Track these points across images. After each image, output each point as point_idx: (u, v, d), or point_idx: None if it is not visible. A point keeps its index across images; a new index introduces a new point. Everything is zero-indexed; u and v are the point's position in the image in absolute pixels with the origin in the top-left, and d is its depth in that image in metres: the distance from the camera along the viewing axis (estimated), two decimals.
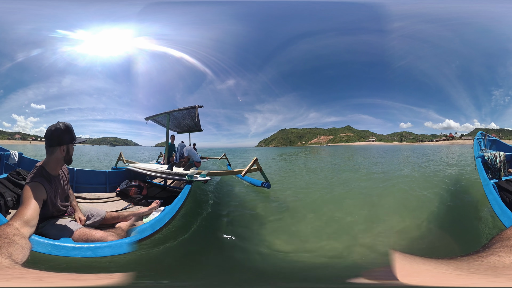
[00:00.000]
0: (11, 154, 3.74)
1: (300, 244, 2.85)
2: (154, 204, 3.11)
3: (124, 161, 5.57)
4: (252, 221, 3.63)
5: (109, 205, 3.51)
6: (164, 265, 2.19)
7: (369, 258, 2.47)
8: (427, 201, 4.40)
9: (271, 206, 4.44)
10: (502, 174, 3.75)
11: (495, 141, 5.46)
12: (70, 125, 2.07)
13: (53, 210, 2.05)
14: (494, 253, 0.82)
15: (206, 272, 2.10)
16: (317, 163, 13.86)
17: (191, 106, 5.88)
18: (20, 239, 1.27)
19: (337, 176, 8.18)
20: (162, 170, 4.40)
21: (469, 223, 3.24)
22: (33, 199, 1.75)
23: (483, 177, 3.33)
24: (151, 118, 6.87)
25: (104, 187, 4.32)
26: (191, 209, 3.72)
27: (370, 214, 3.81)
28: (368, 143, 37.58)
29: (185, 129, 7.84)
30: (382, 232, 3.06)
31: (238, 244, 2.79)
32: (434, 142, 32.29)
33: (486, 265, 0.75)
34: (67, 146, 2.03)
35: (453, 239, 2.72)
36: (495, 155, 3.86)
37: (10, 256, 1.06)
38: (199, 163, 6.31)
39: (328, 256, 2.51)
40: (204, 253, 2.58)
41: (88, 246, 1.56)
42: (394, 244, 2.75)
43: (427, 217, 3.48)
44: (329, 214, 3.94)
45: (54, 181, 2.04)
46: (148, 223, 1.99)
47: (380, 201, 4.69)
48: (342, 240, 2.91)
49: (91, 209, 2.53)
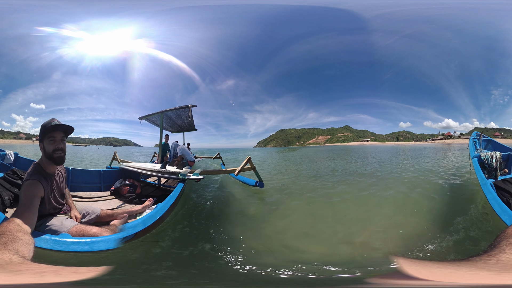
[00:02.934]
0: (6, 154, 3.81)
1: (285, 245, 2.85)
2: (148, 202, 3.23)
3: (118, 160, 5.65)
4: (244, 221, 3.69)
5: (103, 203, 3.61)
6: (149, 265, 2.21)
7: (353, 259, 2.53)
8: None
9: (263, 207, 4.48)
10: (498, 173, 3.82)
11: (490, 141, 5.44)
12: (51, 121, 2.06)
13: (49, 207, 2.13)
14: (502, 251, 0.86)
15: (191, 275, 2.14)
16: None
17: (185, 106, 5.93)
18: (23, 235, 1.31)
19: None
20: (156, 169, 4.51)
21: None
22: (31, 196, 1.83)
23: (480, 176, 3.31)
24: (144, 118, 6.92)
25: (98, 186, 4.40)
26: (182, 209, 3.80)
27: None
28: (362, 143, 37.80)
29: (179, 128, 7.90)
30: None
31: (226, 245, 2.76)
32: (430, 142, 32.70)
33: (502, 263, 0.78)
34: (43, 143, 2.06)
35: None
36: (491, 155, 3.89)
37: (17, 252, 1.08)
38: (192, 162, 6.40)
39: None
40: (192, 256, 2.56)
41: (85, 241, 1.68)
42: (385, 244, 2.77)
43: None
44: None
45: (50, 179, 2.12)
46: (140, 219, 2.10)
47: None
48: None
49: (86, 207, 2.63)
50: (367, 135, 39.71)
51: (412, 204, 4.19)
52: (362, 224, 3.40)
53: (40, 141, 2.08)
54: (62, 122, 2.08)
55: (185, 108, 5.93)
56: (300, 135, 46.32)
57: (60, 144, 2.07)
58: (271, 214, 4.02)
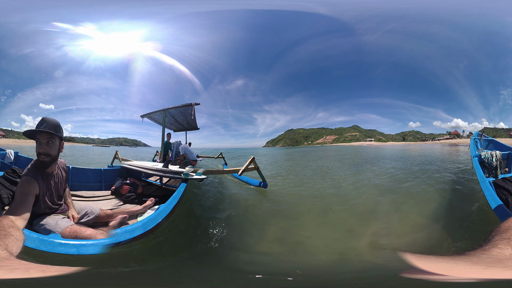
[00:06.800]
0: (7, 153, 3.76)
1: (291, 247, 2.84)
2: (149, 202, 3.13)
3: (119, 159, 5.58)
4: (248, 223, 3.63)
5: (104, 203, 3.53)
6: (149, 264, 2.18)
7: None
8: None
9: (266, 207, 4.43)
10: (499, 172, 3.85)
11: (492, 141, 5.54)
12: (40, 119, 1.98)
13: (45, 206, 2.06)
14: (494, 245, 0.89)
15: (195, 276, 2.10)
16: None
17: (188, 104, 5.84)
18: (15, 231, 1.30)
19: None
20: (158, 168, 4.42)
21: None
22: (25, 193, 1.79)
23: (479, 174, 3.37)
24: (147, 116, 6.84)
25: (99, 185, 4.34)
26: (183, 209, 3.73)
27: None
28: (361, 143, 37.49)
29: (182, 127, 7.82)
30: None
31: (230, 247, 2.74)
32: (435, 142, 32.23)
33: (492, 258, 0.82)
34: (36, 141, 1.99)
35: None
36: (491, 154, 3.94)
37: (6, 248, 1.09)
38: (195, 162, 6.33)
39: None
40: (194, 256, 2.55)
41: (73, 243, 1.58)
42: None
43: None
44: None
45: (47, 178, 2.06)
46: (140, 222, 2.01)
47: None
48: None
49: (86, 207, 2.56)
50: (375, 135, 39.38)
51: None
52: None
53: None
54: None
55: (188, 106, 5.83)
56: (308, 135, 46.21)
57: (43, 148, 1.96)
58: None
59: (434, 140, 33.38)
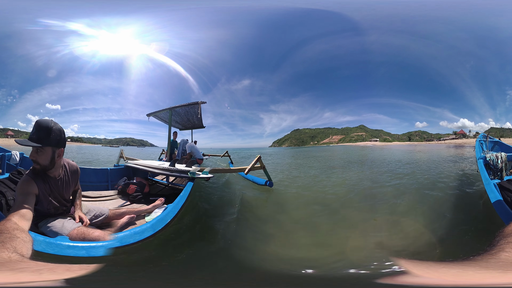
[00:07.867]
0: (12, 154, 3.73)
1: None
2: (158, 202, 3.06)
3: (124, 158, 5.53)
4: (254, 221, 3.56)
5: (111, 203, 3.48)
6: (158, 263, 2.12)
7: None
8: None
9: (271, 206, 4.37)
10: (504, 174, 3.81)
11: (497, 143, 5.52)
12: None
13: (49, 207, 2.00)
14: (501, 249, 0.86)
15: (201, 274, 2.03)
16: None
17: (194, 102, 5.78)
18: (20, 233, 1.27)
19: None
20: (164, 167, 4.34)
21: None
22: (24, 194, 1.74)
23: (484, 176, 3.34)
24: (153, 114, 6.78)
25: (106, 185, 4.29)
26: (190, 208, 3.67)
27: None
28: (365, 143, 37.19)
29: (188, 126, 7.77)
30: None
31: (236, 245, 2.70)
32: (441, 142, 31.73)
33: (503, 262, 0.78)
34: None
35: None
36: (496, 156, 3.89)
37: (15, 250, 1.06)
38: (201, 160, 6.26)
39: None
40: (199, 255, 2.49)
41: (82, 245, 1.52)
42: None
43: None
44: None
45: (49, 180, 1.99)
46: (149, 223, 1.94)
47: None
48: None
49: (94, 207, 2.49)
50: (381, 135, 38.97)
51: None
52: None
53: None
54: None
55: (195, 104, 5.77)
56: (314, 134, 45.95)
57: (33, 156, 1.87)
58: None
59: (439, 140, 32.87)
